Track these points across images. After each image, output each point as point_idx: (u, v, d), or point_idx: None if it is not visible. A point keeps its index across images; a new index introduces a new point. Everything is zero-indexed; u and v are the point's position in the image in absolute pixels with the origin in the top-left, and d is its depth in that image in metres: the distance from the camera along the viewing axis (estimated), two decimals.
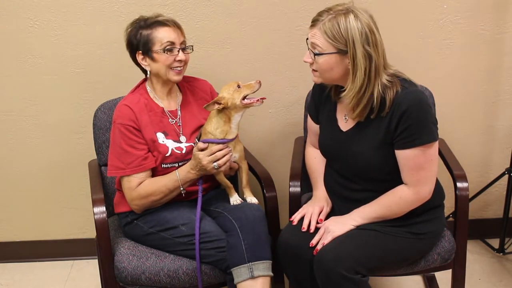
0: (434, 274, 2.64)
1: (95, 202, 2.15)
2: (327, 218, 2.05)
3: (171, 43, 2.12)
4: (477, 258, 2.80)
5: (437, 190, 2.00)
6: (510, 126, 2.79)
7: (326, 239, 1.94)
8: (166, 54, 2.11)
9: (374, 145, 1.92)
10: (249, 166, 2.26)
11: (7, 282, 2.79)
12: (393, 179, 1.95)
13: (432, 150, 1.89)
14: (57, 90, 2.65)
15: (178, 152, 2.16)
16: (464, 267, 2.20)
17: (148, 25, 2.14)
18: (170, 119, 2.20)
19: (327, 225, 1.99)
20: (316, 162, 2.20)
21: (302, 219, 2.07)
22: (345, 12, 1.83)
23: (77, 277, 2.81)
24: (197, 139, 2.13)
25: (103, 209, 2.11)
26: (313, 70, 1.94)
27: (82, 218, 2.86)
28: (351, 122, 1.99)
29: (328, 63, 1.87)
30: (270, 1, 2.56)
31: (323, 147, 2.12)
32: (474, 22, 2.61)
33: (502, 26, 2.62)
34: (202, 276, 2.07)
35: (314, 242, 1.97)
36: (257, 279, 1.98)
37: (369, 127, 1.94)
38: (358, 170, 1.99)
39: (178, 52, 2.13)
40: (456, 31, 2.62)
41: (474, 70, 2.70)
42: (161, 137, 2.16)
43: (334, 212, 2.10)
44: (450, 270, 2.20)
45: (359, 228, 1.97)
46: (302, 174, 2.28)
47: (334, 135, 2.04)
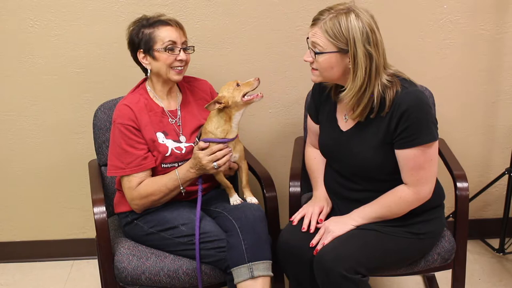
0: (434, 274, 2.64)
1: (95, 202, 2.15)
2: (327, 218, 2.05)
3: (173, 43, 2.12)
4: (477, 258, 2.80)
5: (437, 190, 2.00)
6: (510, 126, 2.78)
7: (326, 239, 1.94)
8: (167, 53, 2.11)
9: (374, 145, 1.92)
10: (249, 166, 2.26)
11: (7, 282, 2.79)
12: (393, 179, 1.95)
13: (432, 150, 1.89)
14: (57, 90, 2.65)
15: (178, 152, 2.16)
16: (464, 267, 2.20)
17: (150, 24, 2.14)
18: (170, 119, 2.20)
19: (327, 225, 1.99)
20: (316, 162, 2.20)
21: (302, 219, 2.07)
22: (346, 11, 1.83)
23: (77, 277, 2.81)
24: (197, 138, 2.13)
25: (103, 209, 2.11)
26: (312, 69, 1.94)
27: (82, 218, 2.86)
28: (351, 122, 1.99)
29: (328, 62, 1.87)
30: (270, 1, 2.56)
31: (323, 147, 2.11)
32: (474, 22, 2.61)
33: (502, 26, 2.62)
34: (202, 276, 2.07)
35: (314, 242, 1.97)
36: (257, 279, 1.97)
37: (369, 127, 1.94)
38: (358, 170, 1.99)
39: (179, 51, 2.13)
40: (456, 31, 2.62)
41: (474, 70, 2.69)
42: (161, 137, 2.16)
43: (334, 212, 2.10)
44: (450, 270, 2.20)
45: (359, 228, 1.97)
46: (302, 174, 2.28)
47: (334, 135, 2.04)
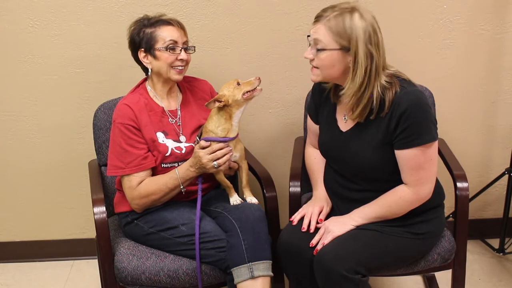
0: (434, 274, 2.64)
1: (95, 202, 2.15)
2: (327, 218, 2.05)
3: (174, 42, 2.12)
4: (477, 258, 2.80)
5: (437, 190, 2.00)
6: (510, 126, 2.78)
7: (326, 239, 1.94)
8: (169, 52, 2.12)
9: (374, 145, 1.92)
10: (249, 166, 2.26)
11: (7, 282, 2.79)
12: (392, 179, 1.95)
13: (431, 150, 1.89)
14: (57, 90, 2.65)
15: (178, 152, 2.16)
16: (464, 267, 2.20)
17: (151, 23, 2.14)
18: (170, 119, 2.20)
19: (327, 225, 1.99)
20: (316, 162, 2.20)
21: (302, 219, 2.07)
22: (350, 10, 1.83)
23: (77, 277, 2.81)
24: (198, 137, 2.13)
25: (103, 209, 2.11)
26: (313, 67, 1.93)
27: (82, 218, 2.86)
28: (351, 122, 1.99)
29: (329, 60, 1.87)
30: (270, 1, 2.56)
31: (323, 148, 2.11)
32: (474, 22, 2.61)
33: (502, 26, 2.62)
34: (202, 276, 2.07)
35: (314, 242, 1.97)
36: (257, 279, 1.97)
37: (368, 127, 1.94)
38: (357, 170, 1.98)
39: (180, 51, 2.13)
40: (456, 31, 2.63)
41: (474, 70, 2.70)
42: (161, 136, 2.16)
43: (334, 212, 2.10)
44: (450, 270, 2.20)
45: (359, 228, 1.97)
46: (302, 174, 2.28)
47: (333, 136, 2.04)
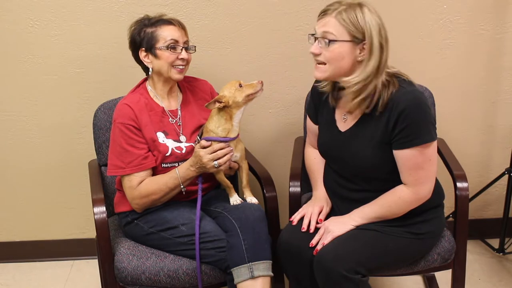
0: (434, 274, 2.64)
1: (95, 202, 2.15)
2: (327, 218, 2.05)
3: (175, 41, 2.12)
4: (477, 258, 2.80)
5: (436, 190, 2.00)
6: (510, 126, 2.78)
7: (326, 239, 1.94)
8: (169, 52, 2.12)
9: (373, 145, 1.92)
10: (249, 166, 2.26)
11: (7, 282, 2.79)
12: (392, 179, 1.95)
13: (430, 150, 1.89)
14: (57, 90, 2.65)
15: (178, 151, 2.16)
16: (464, 267, 2.20)
17: (152, 23, 2.15)
18: (170, 119, 2.20)
19: (327, 225, 1.99)
20: (315, 162, 2.20)
21: (302, 219, 2.07)
22: (359, 4, 1.85)
23: (77, 277, 2.81)
24: (198, 137, 2.13)
25: (103, 209, 2.11)
26: (318, 64, 1.91)
27: (82, 218, 2.86)
28: (350, 122, 1.99)
29: (339, 52, 1.86)
30: (270, 1, 2.56)
31: (322, 148, 2.11)
32: (474, 22, 2.61)
33: (502, 26, 2.62)
34: (202, 276, 2.07)
35: (314, 242, 1.97)
36: (257, 279, 1.97)
37: (367, 127, 1.94)
38: (357, 170, 1.98)
39: (181, 50, 2.14)
40: (456, 31, 2.63)
41: (474, 70, 2.70)
42: (161, 136, 2.16)
43: (334, 212, 2.10)
44: (450, 270, 2.20)
45: (359, 228, 1.97)
46: (302, 174, 2.28)
47: (333, 136, 2.04)
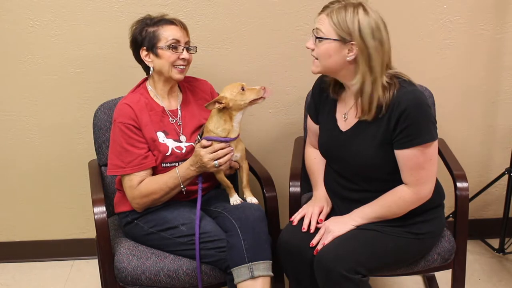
0: (434, 274, 2.64)
1: (95, 202, 2.15)
2: (327, 218, 2.05)
3: (177, 41, 2.13)
4: (477, 258, 2.80)
5: (437, 190, 2.00)
6: (510, 126, 2.78)
7: (326, 239, 1.94)
8: (171, 51, 2.12)
9: (373, 144, 1.92)
10: (249, 166, 2.26)
11: (7, 282, 2.79)
12: (392, 179, 1.94)
13: (431, 150, 1.89)
14: (57, 90, 2.65)
15: (178, 151, 2.16)
16: (464, 267, 2.20)
17: (154, 22, 2.15)
18: (170, 119, 2.20)
19: (327, 225, 1.99)
20: (316, 162, 2.20)
21: (302, 219, 2.07)
22: (356, 4, 1.85)
23: (77, 277, 2.81)
24: (199, 136, 2.13)
25: (103, 209, 2.11)
26: (314, 58, 1.94)
27: (82, 218, 2.86)
28: (351, 122, 1.99)
29: (327, 50, 1.87)
30: (270, 1, 2.56)
31: (323, 147, 2.11)
32: (474, 22, 2.61)
33: (502, 26, 2.62)
34: (202, 276, 2.07)
35: (314, 242, 1.97)
36: (257, 279, 1.97)
37: (368, 127, 1.94)
38: (357, 170, 1.98)
39: (182, 50, 2.14)
40: (456, 31, 2.63)
41: (474, 70, 2.70)
42: (161, 136, 2.16)
43: (334, 212, 2.10)
44: (450, 270, 2.20)
45: (359, 228, 1.97)
46: (302, 174, 2.28)
47: (333, 135, 2.04)
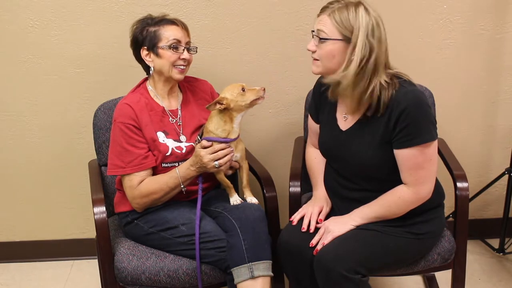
0: (434, 274, 2.64)
1: (95, 202, 2.15)
2: (327, 218, 2.05)
3: (178, 41, 2.13)
4: (477, 258, 2.80)
5: (437, 189, 2.00)
6: (510, 126, 2.78)
7: (326, 239, 1.94)
8: (172, 51, 2.12)
9: (374, 144, 1.92)
10: (249, 166, 2.26)
11: (7, 282, 2.79)
12: (392, 179, 1.94)
13: (431, 150, 1.89)
14: (57, 90, 2.65)
15: (178, 151, 2.16)
16: (464, 267, 2.20)
17: (155, 22, 2.15)
18: (170, 119, 2.20)
19: (327, 225, 1.99)
20: (316, 162, 2.20)
21: (302, 219, 2.07)
22: (356, 3, 1.85)
23: (77, 277, 2.81)
24: (199, 137, 2.13)
25: (103, 209, 2.11)
26: (314, 59, 1.93)
27: (82, 218, 2.86)
28: (351, 121, 1.99)
29: (331, 50, 1.87)
30: (270, 1, 2.56)
31: (323, 147, 2.11)
32: (474, 22, 2.61)
33: (502, 26, 2.62)
34: (202, 276, 2.07)
35: (314, 242, 1.97)
36: (257, 279, 1.98)
37: (368, 127, 1.94)
38: (357, 170, 1.98)
39: (183, 50, 2.14)
40: (456, 31, 2.63)
41: (474, 70, 2.70)
42: (161, 136, 2.16)
43: (334, 212, 2.10)
44: (450, 270, 2.20)
45: (359, 228, 1.97)
46: (302, 174, 2.28)
47: (333, 135, 2.04)
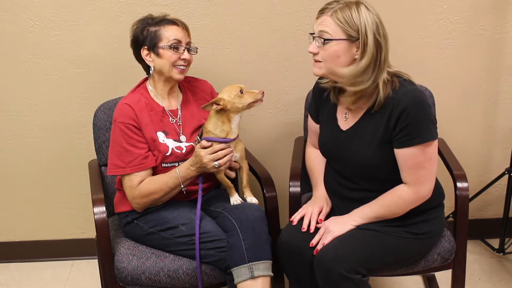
0: (434, 274, 2.64)
1: (95, 202, 2.15)
2: (327, 218, 2.05)
3: (178, 41, 2.13)
4: (477, 258, 2.80)
5: (437, 189, 2.00)
6: (510, 126, 2.78)
7: (326, 239, 1.94)
8: (172, 51, 2.13)
9: (374, 144, 1.92)
10: (249, 166, 2.26)
11: (7, 282, 2.79)
12: (392, 179, 1.94)
13: (431, 149, 1.89)
14: (57, 90, 2.65)
15: (178, 151, 2.17)
16: (464, 267, 2.20)
17: (156, 22, 2.16)
18: (170, 119, 2.20)
19: (327, 225, 1.99)
20: (316, 162, 2.20)
21: (302, 219, 2.07)
22: (356, 3, 1.85)
23: (77, 277, 2.81)
24: (198, 137, 2.13)
25: (103, 209, 2.11)
26: (315, 61, 1.92)
27: (82, 218, 2.86)
28: (351, 121, 1.99)
29: (335, 50, 1.86)
30: (270, 1, 2.56)
31: (323, 147, 2.11)
32: (474, 22, 2.62)
33: (502, 26, 2.62)
34: (202, 276, 2.07)
35: (314, 242, 1.97)
36: (257, 279, 1.98)
37: (368, 126, 1.94)
38: (357, 169, 1.98)
39: (183, 51, 2.14)
40: (456, 31, 2.63)
41: (474, 70, 2.70)
42: (161, 136, 2.16)
43: (334, 212, 2.10)
44: (450, 270, 2.20)
45: (359, 228, 1.97)
46: (302, 174, 2.28)
47: (334, 134, 2.04)
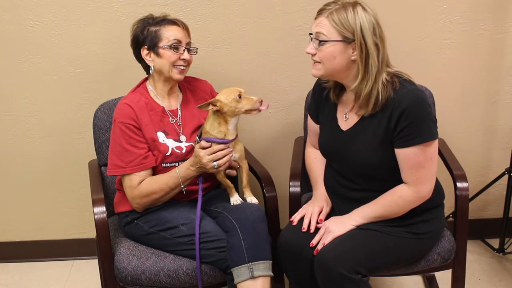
0: (434, 274, 2.64)
1: (95, 202, 2.15)
2: (327, 218, 2.05)
3: (178, 41, 2.13)
4: (477, 258, 2.80)
5: (437, 189, 2.00)
6: (510, 126, 2.78)
7: (327, 239, 1.94)
8: (172, 51, 2.13)
9: (374, 144, 1.92)
10: (249, 166, 2.25)
11: (7, 282, 2.79)
12: (393, 179, 1.94)
13: (431, 149, 1.89)
14: (57, 90, 2.65)
15: (178, 151, 2.17)
16: (464, 267, 2.20)
17: (156, 22, 2.16)
18: (170, 119, 2.20)
19: (327, 225, 1.99)
20: (316, 162, 2.20)
21: (302, 219, 2.07)
22: (353, 4, 1.85)
23: (77, 277, 2.81)
24: (198, 137, 2.13)
25: (103, 209, 2.11)
26: (314, 62, 1.93)
27: (82, 218, 2.85)
28: (351, 121, 1.99)
29: (331, 52, 1.87)
30: (270, 1, 2.56)
31: (323, 147, 2.11)
32: (474, 22, 2.62)
33: (502, 26, 2.62)
34: (202, 276, 2.07)
35: (314, 242, 1.97)
36: (257, 279, 1.98)
37: (369, 126, 1.94)
38: (357, 169, 1.98)
39: (183, 51, 2.14)
40: (456, 31, 2.63)
41: (474, 70, 2.70)
42: (161, 136, 2.16)
43: (334, 212, 2.10)
44: (450, 270, 2.20)
45: (359, 228, 1.97)
46: (302, 174, 2.28)
47: (334, 135, 2.04)
